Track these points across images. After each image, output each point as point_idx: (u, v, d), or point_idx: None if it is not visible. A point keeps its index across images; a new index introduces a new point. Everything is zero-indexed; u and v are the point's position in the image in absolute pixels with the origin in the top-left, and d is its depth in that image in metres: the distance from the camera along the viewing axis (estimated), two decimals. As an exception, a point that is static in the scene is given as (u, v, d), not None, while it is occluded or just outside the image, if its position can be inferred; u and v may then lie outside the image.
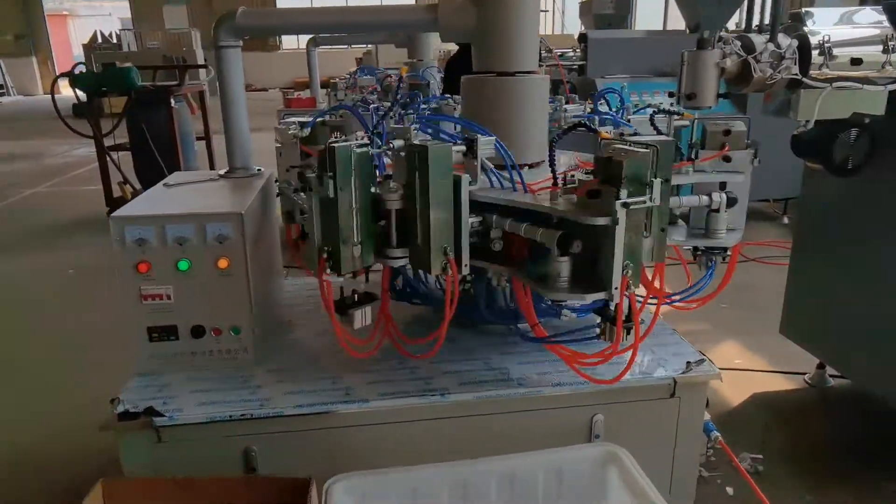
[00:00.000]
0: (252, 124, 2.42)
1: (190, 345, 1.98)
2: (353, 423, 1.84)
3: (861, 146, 2.40)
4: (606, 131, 1.98)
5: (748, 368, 3.29)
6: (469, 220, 1.67)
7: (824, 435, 2.83)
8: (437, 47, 5.89)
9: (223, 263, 1.91)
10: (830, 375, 3.15)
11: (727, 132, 1.88)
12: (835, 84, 2.19)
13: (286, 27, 2.39)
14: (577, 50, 5.64)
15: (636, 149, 1.48)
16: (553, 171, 1.68)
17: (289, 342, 2.22)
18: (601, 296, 1.57)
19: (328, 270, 1.65)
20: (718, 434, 2.08)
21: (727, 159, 1.86)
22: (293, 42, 24.09)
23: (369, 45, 15.65)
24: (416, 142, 1.65)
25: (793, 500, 2.40)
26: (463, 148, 1.68)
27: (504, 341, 2.15)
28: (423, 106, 2.38)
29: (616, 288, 1.53)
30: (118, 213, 1.91)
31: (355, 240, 1.66)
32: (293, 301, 2.57)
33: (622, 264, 1.52)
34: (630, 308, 1.63)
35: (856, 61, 2.19)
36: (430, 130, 1.94)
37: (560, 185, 1.66)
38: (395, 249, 1.71)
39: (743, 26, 2.41)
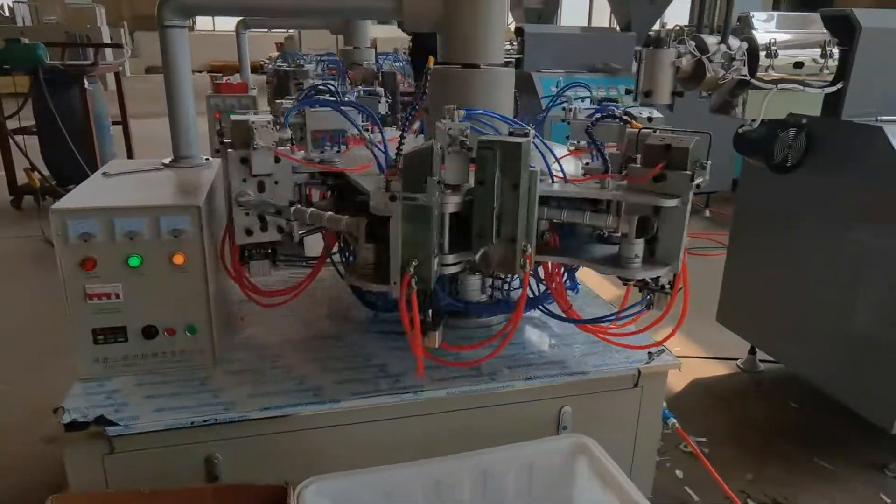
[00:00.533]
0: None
1: (141, 346, 1.84)
2: (324, 425, 1.78)
3: (799, 145, 2.55)
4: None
5: (687, 356, 3.44)
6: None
7: (760, 417, 3.01)
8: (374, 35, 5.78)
9: (179, 259, 1.79)
10: (760, 360, 3.36)
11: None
12: (779, 85, 2.31)
13: (236, 7, 2.25)
14: (514, 43, 5.68)
15: (689, 136, 1.57)
16: (604, 159, 1.72)
17: (244, 341, 2.12)
18: (667, 270, 1.67)
19: (414, 286, 1.52)
20: (675, 421, 2.16)
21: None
22: (208, 23, 23.03)
23: (291, 30, 15.17)
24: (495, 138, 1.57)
25: (736, 479, 2.53)
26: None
27: (471, 335, 2.13)
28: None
29: (680, 259, 1.64)
30: (59, 205, 1.74)
31: (436, 250, 1.55)
32: (240, 297, 2.45)
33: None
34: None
35: (798, 65, 2.32)
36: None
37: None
38: (448, 256, 1.61)
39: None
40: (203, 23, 22.56)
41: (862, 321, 2.55)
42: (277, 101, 2.08)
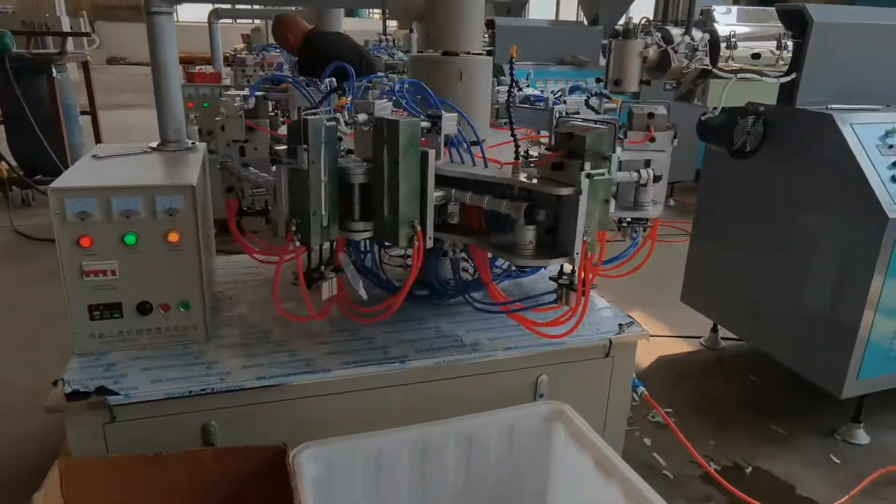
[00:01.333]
0: (141, 100, 2.28)
1: (136, 322, 1.91)
2: (316, 394, 1.87)
3: (756, 132, 2.72)
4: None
5: (653, 334, 3.61)
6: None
7: (721, 389, 3.20)
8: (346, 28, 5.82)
9: (173, 237, 1.86)
10: (722, 338, 3.55)
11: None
12: (739, 75, 2.47)
13: (223, -4, 2.30)
14: (486, 36, 5.80)
15: (660, 104, 1.91)
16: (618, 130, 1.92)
17: (235, 319, 2.19)
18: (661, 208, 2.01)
19: (587, 255, 1.68)
20: (644, 389, 2.31)
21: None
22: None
23: (257, 21, 14.99)
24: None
25: (700, 445, 2.70)
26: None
27: (451, 311, 2.25)
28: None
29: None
30: (57, 184, 1.79)
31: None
32: (227, 276, 2.53)
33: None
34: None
35: (756, 56, 2.48)
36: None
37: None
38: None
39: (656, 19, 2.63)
40: (167, 13, 22.04)
41: (813, 297, 2.73)
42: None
